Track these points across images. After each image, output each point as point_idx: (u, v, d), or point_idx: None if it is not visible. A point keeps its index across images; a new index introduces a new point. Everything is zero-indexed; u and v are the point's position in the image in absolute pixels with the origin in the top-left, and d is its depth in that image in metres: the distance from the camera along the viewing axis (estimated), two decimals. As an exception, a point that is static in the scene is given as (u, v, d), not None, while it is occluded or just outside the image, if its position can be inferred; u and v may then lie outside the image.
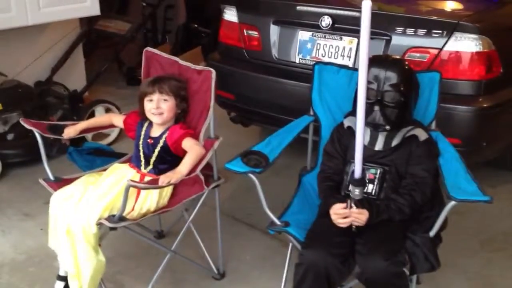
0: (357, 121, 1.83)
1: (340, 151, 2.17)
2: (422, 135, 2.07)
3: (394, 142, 2.06)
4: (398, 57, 2.45)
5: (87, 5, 3.81)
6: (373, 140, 2.09)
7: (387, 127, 2.05)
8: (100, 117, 2.61)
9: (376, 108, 2.04)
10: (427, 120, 2.25)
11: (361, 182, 1.90)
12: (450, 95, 2.73)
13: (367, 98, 2.04)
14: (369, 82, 2.04)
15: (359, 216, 1.90)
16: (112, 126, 2.56)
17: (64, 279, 2.27)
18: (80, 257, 2.07)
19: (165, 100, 2.28)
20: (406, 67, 2.11)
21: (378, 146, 2.08)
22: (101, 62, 4.21)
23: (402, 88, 2.04)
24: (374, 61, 2.08)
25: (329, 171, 2.17)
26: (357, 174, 1.88)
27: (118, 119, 2.52)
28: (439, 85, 2.23)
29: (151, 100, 2.29)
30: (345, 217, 1.92)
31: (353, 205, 1.90)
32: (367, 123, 2.05)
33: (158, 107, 2.27)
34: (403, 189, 2.02)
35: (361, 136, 1.82)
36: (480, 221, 3.04)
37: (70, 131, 2.40)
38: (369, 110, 2.04)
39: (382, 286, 1.87)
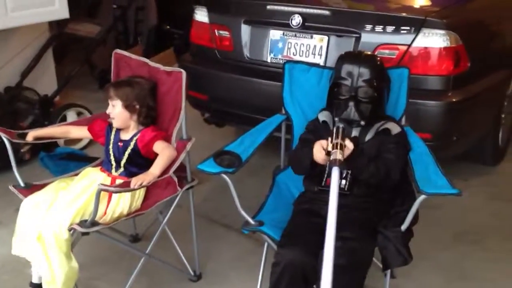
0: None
1: (315, 139, 2.17)
2: (395, 128, 2.10)
3: (368, 137, 2.08)
4: (369, 53, 2.47)
5: (56, 9, 3.75)
6: (347, 135, 2.10)
7: (362, 122, 2.07)
8: (56, 129, 2.53)
9: (351, 104, 2.06)
10: (397, 115, 2.27)
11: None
12: (420, 90, 2.76)
13: (341, 94, 2.07)
14: (342, 78, 2.07)
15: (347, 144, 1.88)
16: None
17: (37, 286, 2.24)
18: (53, 263, 2.04)
19: (113, 105, 2.28)
20: (378, 63, 2.14)
21: None
22: (72, 66, 4.16)
23: (375, 83, 2.06)
24: (347, 58, 2.10)
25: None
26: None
27: (78, 131, 2.51)
28: (408, 81, 2.26)
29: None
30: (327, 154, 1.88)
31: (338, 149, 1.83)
32: (341, 119, 2.07)
33: (109, 112, 2.29)
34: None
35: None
36: (453, 214, 3.08)
37: (31, 133, 2.38)
38: (343, 106, 2.07)
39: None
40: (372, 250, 1.95)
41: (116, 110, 2.27)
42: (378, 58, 2.18)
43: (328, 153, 1.85)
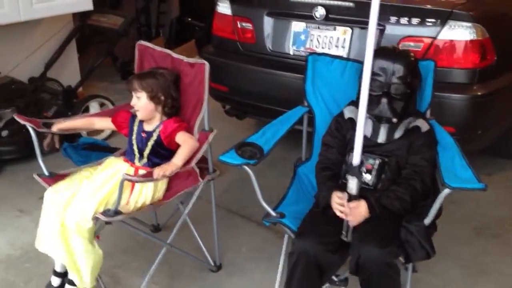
0: (359, 112, 1.80)
1: (338, 141, 2.16)
2: (424, 126, 2.07)
3: (397, 135, 2.06)
4: (403, 49, 2.42)
5: (80, 0, 3.79)
6: (375, 132, 2.08)
7: (394, 120, 2.04)
8: (80, 121, 2.53)
9: (384, 100, 2.03)
10: (422, 109, 2.24)
11: (357, 171, 1.85)
12: (445, 83, 2.73)
13: (373, 90, 2.03)
14: (376, 74, 2.03)
15: (354, 213, 1.89)
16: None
17: (60, 275, 2.27)
18: (77, 251, 2.07)
19: (138, 97, 2.29)
20: (412, 59, 2.10)
21: (381, 138, 2.07)
22: (95, 57, 4.19)
23: (408, 80, 2.04)
24: (380, 53, 2.07)
25: (326, 161, 2.17)
26: (355, 162, 1.84)
27: (102, 122, 2.52)
28: (434, 74, 2.22)
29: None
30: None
31: (348, 199, 1.87)
32: (372, 115, 2.05)
33: (134, 104, 2.29)
34: (402, 179, 2.02)
35: (362, 124, 1.79)
36: (475, 209, 3.05)
37: (56, 125, 2.39)
38: (375, 102, 2.04)
39: (374, 276, 1.86)
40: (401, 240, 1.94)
41: (141, 102, 2.28)
42: (412, 55, 2.13)
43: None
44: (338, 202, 1.92)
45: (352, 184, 1.88)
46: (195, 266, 2.59)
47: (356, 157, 1.84)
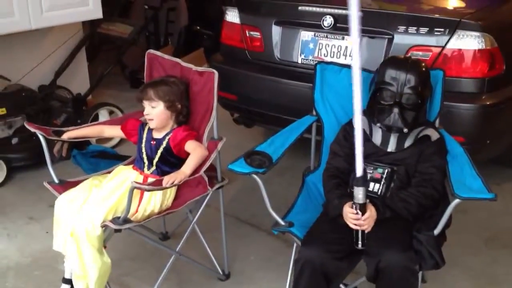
0: (355, 119, 1.78)
1: (346, 149, 2.16)
2: (434, 135, 2.08)
3: (407, 144, 2.06)
4: (415, 58, 2.43)
5: (90, 9, 3.82)
6: (385, 141, 2.08)
7: (405, 130, 2.04)
8: (90, 129, 2.53)
9: (396, 110, 2.03)
10: (431, 118, 2.24)
11: (363, 181, 1.84)
12: (453, 93, 2.72)
13: (384, 99, 2.04)
14: (387, 84, 2.04)
15: (369, 221, 1.88)
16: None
17: (70, 282, 2.27)
18: (85, 259, 2.08)
19: (153, 106, 2.29)
20: (424, 69, 2.11)
21: (391, 147, 2.08)
22: (104, 65, 4.22)
23: (420, 90, 2.04)
24: (392, 62, 2.08)
25: (334, 169, 2.17)
26: (359, 172, 1.83)
27: (112, 130, 2.53)
28: (443, 83, 2.23)
29: (144, 106, 2.31)
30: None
31: (359, 211, 1.86)
32: (382, 125, 2.06)
33: (148, 113, 2.29)
34: (411, 187, 2.02)
35: (360, 135, 1.79)
36: (485, 219, 3.03)
37: (67, 134, 2.41)
38: (386, 112, 2.05)
39: (394, 281, 1.84)
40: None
41: (156, 111, 2.28)
42: (424, 65, 2.13)
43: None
44: (353, 217, 1.88)
45: (359, 194, 1.86)
46: (203, 275, 2.59)
47: (358, 169, 1.81)
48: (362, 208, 1.86)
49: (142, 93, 2.31)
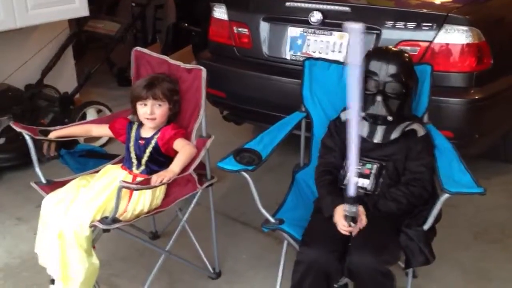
0: (351, 131, 1.74)
1: (339, 144, 2.16)
2: (420, 130, 2.08)
3: (393, 135, 2.06)
4: (398, 49, 2.43)
5: (76, 6, 3.77)
6: (371, 132, 2.09)
7: (389, 118, 2.04)
8: (78, 128, 2.52)
9: (379, 98, 2.04)
10: (419, 113, 2.25)
11: (357, 200, 1.83)
12: (442, 87, 2.73)
13: (368, 90, 2.06)
14: (370, 73, 2.05)
15: (361, 225, 1.88)
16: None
17: None
18: (71, 261, 2.05)
19: (159, 105, 2.27)
20: (407, 59, 2.11)
21: (377, 138, 2.08)
22: (92, 64, 4.19)
23: (403, 79, 2.04)
24: (375, 53, 2.10)
25: (327, 165, 2.17)
26: (351, 191, 1.80)
27: (100, 129, 2.50)
28: (431, 78, 2.23)
29: (145, 105, 2.28)
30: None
31: (352, 224, 1.86)
32: (368, 115, 2.06)
33: (152, 113, 2.26)
34: (401, 184, 2.02)
35: (355, 150, 1.75)
36: (474, 213, 3.04)
37: (54, 133, 2.39)
38: (370, 101, 2.05)
39: (366, 283, 1.85)
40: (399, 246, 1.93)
41: (161, 111, 2.27)
42: (407, 55, 2.15)
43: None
44: (345, 229, 1.89)
45: (352, 209, 1.83)
46: (194, 274, 2.57)
47: (351, 189, 1.79)
48: (355, 219, 1.86)
49: (148, 92, 2.26)
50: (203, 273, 2.57)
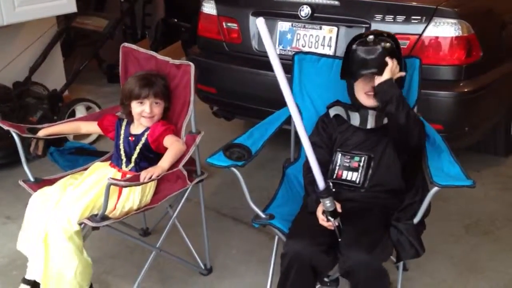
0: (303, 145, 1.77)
1: (326, 140, 2.16)
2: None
3: (385, 120, 2.06)
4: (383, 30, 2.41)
5: (64, 3, 3.74)
6: (363, 120, 2.10)
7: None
8: (66, 125, 2.51)
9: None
10: (409, 106, 2.24)
11: (326, 192, 1.82)
12: (431, 80, 2.73)
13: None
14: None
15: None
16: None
17: (29, 283, 2.21)
18: (57, 260, 2.03)
19: (156, 103, 2.27)
20: (389, 44, 2.07)
21: (370, 124, 2.09)
22: (80, 60, 4.16)
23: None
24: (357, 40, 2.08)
25: None
26: (320, 185, 1.80)
27: (89, 126, 2.48)
28: (420, 71, 2.23)
29: (141, 103, 2.26)
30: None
31: (330, 218, 1.84)
32: (355, 106, 2.07)
33: (150, 111, 2.26)
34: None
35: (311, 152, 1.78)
36: (464, 206, 3.05)
37: (42, 131, 2.36)
38: None
39: (362, 280, 1.85)
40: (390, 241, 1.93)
41: (160, 108, 2.28)
42: (392, 35, 2.10)
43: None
44: (325, 224, 1.89)
45: (327, 203, 1.82)
46: (185, 270, 2.56)
47: (319, 182, 1.79)
48: (333, 213, 1.84)
49: (147, 90, 2.24)
50: (194, 269, 2.56)
